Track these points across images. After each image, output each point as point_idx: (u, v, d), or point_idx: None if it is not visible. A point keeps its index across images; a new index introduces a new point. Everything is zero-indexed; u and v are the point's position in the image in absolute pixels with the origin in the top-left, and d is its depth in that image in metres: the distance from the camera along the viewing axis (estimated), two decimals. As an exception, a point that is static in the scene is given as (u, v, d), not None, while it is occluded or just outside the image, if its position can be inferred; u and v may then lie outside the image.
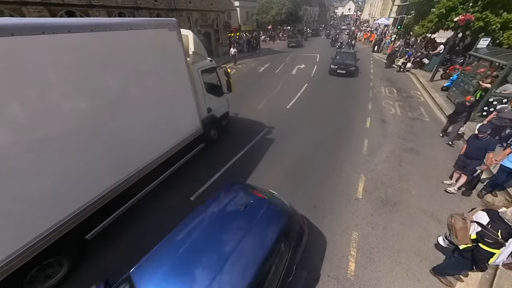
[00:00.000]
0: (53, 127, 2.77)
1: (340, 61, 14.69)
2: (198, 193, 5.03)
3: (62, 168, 2.91)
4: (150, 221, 4.32)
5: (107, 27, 3.21)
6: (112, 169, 3.59)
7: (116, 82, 3.45)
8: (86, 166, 3.18)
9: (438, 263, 3.51)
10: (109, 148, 3.47)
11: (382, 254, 3.76)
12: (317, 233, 4.09)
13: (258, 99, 10.72)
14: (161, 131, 4.47)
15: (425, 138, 7.33)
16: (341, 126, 8.14)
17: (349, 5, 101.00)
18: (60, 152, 2.87)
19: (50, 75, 2.68)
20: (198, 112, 5.38)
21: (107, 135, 3.42)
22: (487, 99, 7.64)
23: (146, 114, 4.01)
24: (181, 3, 19.01)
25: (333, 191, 5.10)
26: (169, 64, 4.36)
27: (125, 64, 3.54)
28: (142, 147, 4.06)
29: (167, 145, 4.60)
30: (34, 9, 11.45)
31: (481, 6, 11.42)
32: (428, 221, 4.38)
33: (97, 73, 3.16)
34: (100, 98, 3.25)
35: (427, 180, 5.47)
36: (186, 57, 4.73)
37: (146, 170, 4.17)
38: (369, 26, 46.24)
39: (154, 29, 3.94)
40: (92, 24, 3.04)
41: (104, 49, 3.19)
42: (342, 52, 16.49)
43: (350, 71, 14.01)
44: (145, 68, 3.87)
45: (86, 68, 3.00)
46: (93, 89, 3.14)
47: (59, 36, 2.67)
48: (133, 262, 2.39)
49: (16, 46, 2.36)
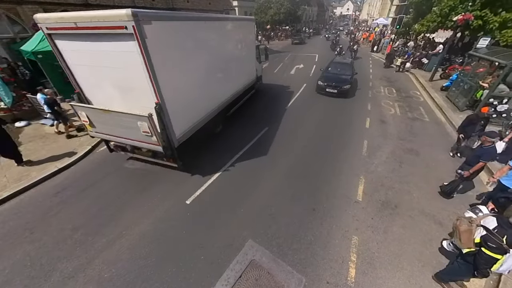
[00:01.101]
0: (206, 73, 5.66)
1: (331, 75, 11.03)
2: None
3: (213, 91, 6.25)
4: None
5: (229, 19, 7.21)
6: (230, 89, 7.40)
7: (231, 46, 7.21)
8: (222, 89, 6.85)
9: (440, 269, 3.42)
10: (227, 80, 7.14)
11: (383, 259, 3.66)
12: (316, 238, 3.98)
13: (256, 99, 10.60)
14: (243, 74, 8.55)
15: (425, 139, 7.24)
16: (340, 127, 8.04)
17: (348, 5, 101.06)
18: (210, 84, 5.99)
19: (203, 42, 5.38)
20: (254, 69, 9.82)
21: (226, 74, 6.92)
22: (487, 99, 7.57)
23: (239, 64, 8.02)
24: (179, 2, 18.83)
25: (332, 193, 4.99)
26: (249, 39, 8.55)
27: (234, 37, 7.30)
28: (237, 81, 7.98)
29: (245, 82, 8.77)
30: (29, 8, 11.27)
31: (479, 4, 11.37)
32: (429, 224, 4.28)
33: (223, 42, 6.51)
34: (227, 55, 6.88)
35: (428, 182, 5.37)
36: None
37: (238, 93, 8.12)
38: (367, 26, 46.23)
39: (246, 21, 8.28)
40: (219, 17, 6.83)
41: (227, 29, 6.73)
42: (336, 62, 12.49)
43: (343, 91, 10.32)
44: (241, 39, 7.82)
45: (219, 39, 6.17)
46: (224, 50, 6.61)
47: (208, 23, 5.56)
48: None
49: (195, 27, 4.94)
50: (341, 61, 12.57)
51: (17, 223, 4.31)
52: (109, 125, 4.69)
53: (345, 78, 10.76)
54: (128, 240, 3.96)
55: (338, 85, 10.30)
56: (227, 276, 3.38)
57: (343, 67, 11.74)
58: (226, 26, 6.68)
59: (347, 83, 10.42)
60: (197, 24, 5.06)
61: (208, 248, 3.80)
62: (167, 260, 3.64)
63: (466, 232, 2.82)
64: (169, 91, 4.21)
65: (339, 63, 12.26)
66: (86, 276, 3.43)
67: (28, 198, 4.95)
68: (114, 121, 4.50)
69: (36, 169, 5.76)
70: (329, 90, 10.51)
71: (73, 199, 4.92)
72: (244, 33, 8.01)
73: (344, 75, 10.98)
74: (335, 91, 10.35)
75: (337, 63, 12.28)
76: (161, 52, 3.89)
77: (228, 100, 7.29)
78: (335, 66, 12.02)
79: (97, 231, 4.13)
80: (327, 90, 10.53)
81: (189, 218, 4.38)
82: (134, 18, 3.27)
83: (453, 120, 8.22)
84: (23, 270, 3.49)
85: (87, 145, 6.79)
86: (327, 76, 11.05)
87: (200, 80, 5.42)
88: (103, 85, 4.43)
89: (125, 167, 5.92)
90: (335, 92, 10.36)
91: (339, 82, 10.40)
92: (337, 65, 12.08)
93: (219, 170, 5.70)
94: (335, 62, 12.44)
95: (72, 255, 3.72)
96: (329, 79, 10.72)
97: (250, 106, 9.59)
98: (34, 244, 3.90)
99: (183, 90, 4.78)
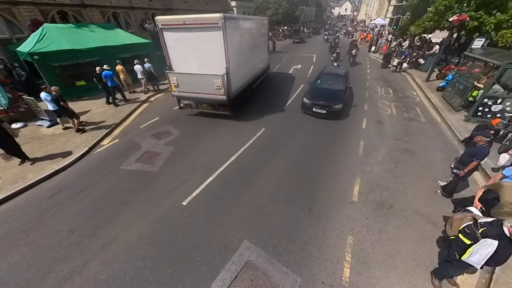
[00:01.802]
0: (245, 54, 8.77)
1: (320, 91, 9.00)
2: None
3: (248, 67, 9.46)
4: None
5: (254, 19, 10.35)
6: (255, 68, 10.66)
7: (255, 37, 10.10)
8: (252, 66, 10.06)
9: (434, 267, 3.47)
10: (254, 61, 10.36)
11: (377, 259, 3.70)
12: (312, 238, 4.02)
13: (254, 99, 10.64)
14: (262, 59, 11.69)
15: (421, 139, 7.30)
16: (337, 127, 8.08)
17: (346, 5, 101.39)
18: (246, 62, 9.13)
19: (246, 33, 8.87)
20: (268, 57, 13.36)
21: (254, 56, 10.09)
22: (482, 99, 7.65)
23: (260, 51, 11.26)
24: (177, 3, 18.85)
25: (328, 194, 5.03)
26: (264, 32, 11.91)
27: (256, 31, 10.14)
28: (259, 64, 11.21)
29: (262, 66, 11.90)
30: (25, 9, 11.21)
31: (474, 6, 11.46)
32: (423, 224, 4.33)
33: (253, 34, 9.69)
34: (254, 43, 9.99)
35: (423, 182, 5.43)
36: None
37: (259, 73, 11.25)
38: (365, 26, 46.42)
39: (263, 20, 11.63)
40: (252, 18, 10.27)
41: (252, 26, 9.66)
42: (326, 73, 10.27)
43: (333, 112, 8.34)
44: (260, 32, 10.95)
45: (251, 33, 9.37)
46: (253, 40, 9.72)
47: (246, 21, 9.18)
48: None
49: (241, 25, 8.39)
50: (333, 72, 10.36)
51: (13, 225, 4.31)
52: (190, 84, 7.56)
53: (336, 94, 8.68)
54: (125, 242, 3.97)
55: (327, 104, 8.28)
56: (222, 277, 3.40)
57: (335, 80, 9.60)
58: (255, 23, 10.12)
59: (339, 101, 8.30)
60: (244, 21, 8.86)
61: (204, 249, 3.83)
62: (163, 261, 3.65)
63: (458, 220, 2.97)
64: (230, 62, 7.11)
65: (330, 75, 10.04)
66: (82, 278, 3.43)
67: (25, 200, 4.95)
68: (195, 81, 7.44)
69: (33, 170, 5.75)
70: (316, 110, 8.40)
71: (69, 200, 4.92)
72: (263, 28, 11.72)
73: (336, 91, 8.90)
74: (324, 112, 8.34)
75: (328, 75, 10.08)
76: (230, 38, 6.85)
77: (254, 75, 10.60)
78: (326, 78, 9.76)
79: (94, 233, 4.14)
80: (313, 109, 8.46)
81: (185, 219, 4.40)
82: (223, 19, 6.26)
83: (449, 120, 8.29)
84: (19, 272, 3.49)
85: (84, 146, 6.79)
86: (314, 92, 8.94)
87: (242, 57, 8.50)
88: (187, 59, 7.36)
89: (121, 168, 5.92)
90: (323, 112, 8.34)
91: (329, 100, 8.37)
92: (328, 77, 9.88)
93: (222, 166, 5.73)
94: (326, 74, 10.23)
95: (68, 257, 3.72)
96: (316, 96, 8.64)
97: (246, 106, 9.62)
98: (30, 246, 3.90)
99: (236, 63, 7.66)
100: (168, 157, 6.36)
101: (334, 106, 8.28)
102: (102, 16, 14.47)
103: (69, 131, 7.69)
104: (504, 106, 7.39)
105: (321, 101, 8.37)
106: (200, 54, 7.06)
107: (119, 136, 7.67)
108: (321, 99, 8.47)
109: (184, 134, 7.65)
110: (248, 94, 9.94)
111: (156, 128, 8.03)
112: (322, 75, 10.19)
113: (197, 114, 9.07)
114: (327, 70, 10.72)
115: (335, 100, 8.40)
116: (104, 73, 9.27)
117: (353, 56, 17.42)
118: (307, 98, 8.75)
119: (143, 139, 7.31)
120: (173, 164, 6.07)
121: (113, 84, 9.49)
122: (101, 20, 14.34)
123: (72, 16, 13.18)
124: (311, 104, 8.50)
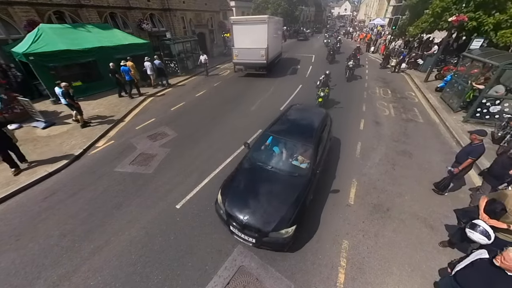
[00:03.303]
0: (273, 39, 14.61)
1: (273, 155, 4.53)
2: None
3: (275, 48, 16.26)
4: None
5: (274, 19, 15.57)
6: (276, 49, 16.73)
7: (277, 30, 16.90)
8: (274, 48, 15.75)
9: (429, 272, 3.41)
10: (276, 45, 16.55)
11: (373, 264, 3.63)
12: (306, 243, 3.95)
13: (252, 99, 10.57)
14: (279, 46, 18.12)
15: (419, 140, 7.24)
16: (335, 128, 7.96)
17: (345, 5, 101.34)
18: (273, 44, 14.95)
19: (274, 27, 15.21)
20: (281, 45, 19.53)
21: (276, 42, 16.22)
22: (480, 100, 7.59)
23: (278, 39, 17.61)
24: (175, 3, 18.72)
25: (324, 197, 4.95)
26: (281, 28, 19.52)
27: (278, 26, 17.14)
28: (277, 48, 17.36)
29: (279, 50, 18.07)
30: (21, 9, 11.10)
31: (473, 6, 11.39)
32: (420, 228, 4.26)
33: (276, 28, 16.27)
34: (274, 36, 15.18)
35: (420, 184, 5.36)
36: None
37: (276, 54, 16.97)
38: (365, 26, 46.38)
39: (280, 20, 17.86)
40: (276, 18, 16.67)
41: (276, 23, 16.35)
42: (296, 108, 5.93)
43: (264, 243, 3.43)
44: (279, 28, 18.30)
45: (276, 27, 16.05)
46: (276, 31, 16.28)
47: (275, 20, 15.92)
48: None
49: (273, 22, 14.95)
50: (305, 108, 6.21)
51: (3, 229, 4.24)
52: (245, 54, 13.51)
53: (293, 163, 4.35)
54: (116, 247, 3.90)
55: (253, 224, 3.44)
56: (214, 283, 3.33)
57: (303, 123, 5.12)
58: (278, 22, 16.69)
59: (283, 210, 3.56)
60: (275, 20, 15.25)
61: (196, 254, 3.76)
62: (154, 267, 3.58)
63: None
64: (269, 42, 13.05)
65: (300, 111, 5.76)
66: (71, 284, 3.36)
67: (16, 204, 4.88)
68: (249, 52, 13.34)
69: (26, 173, 5.68)
70: (235, 231, 3.62)
71: (62, 204, 4.85)
72: (280, 25, 18.50)
73: (297, 151, 4.48)
74: (253, 241, 3.49)
75: (298, 111, 5.73)
76: (269, 29, 12.87)
77: (276, 54, 16.34)
78: (280, 137, 4.73)
79: (85, 237, 4.07)
80: (231, 229, 3.67)
81: (178, 223, 4.33)
82: (267, 18, 12.61)
83: (447, 121, 8.23)
84: (7, 278, 3.43)
85: (79, 148, 6.72)
86: (264, 157, 4.52)
87: (273, 41, 14.41)
88: (244, 40, 13.07)
89: (115, 170, 5.85)
90: (251, 241, 3.52)
91: (282, 169, 4.23)
92: (297, 113, 5.58)
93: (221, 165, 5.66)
94: (295, 109, 5.84)
95: (57, 262, 3.65)
96: (264, 161, 4.42)
97: (243, 108, 9.52)
98: (19, 251, 3.83)
99: (271, 43, 13.52)
100: (163, 159, 6.29)
101: (294, 173, 4.12)
102: (99, 16, 14.35)
103: (65, 132, 7.64)
104: (503, 107, 7.33)
105: (244, 217, 3.50)
106: (253, 37, 12.75)
107: (114, 137, 7.60)
108: (242, 207, 3.64)
109: (180, 135, 7.58)
110: (273, 68, 15.66)
111: (152, 130, 7.96)
112: (292, 112, 5.64)
113: (194, 115, 9.06)
114: (288, 115, 5.48)
115: (277, 211, 3.57)
116: (122, 68, 10.28)
117: (350, 69, 13.06)
118: (260, 158, 4.47)
119: (139, 141, 7.24)
120: (168, 166, 6.00)
121: (130, 78, 10.57)
122: (98, 20, 14.23)
123: (69, 16, 13.07)
124: (227, 215, 3.66)
